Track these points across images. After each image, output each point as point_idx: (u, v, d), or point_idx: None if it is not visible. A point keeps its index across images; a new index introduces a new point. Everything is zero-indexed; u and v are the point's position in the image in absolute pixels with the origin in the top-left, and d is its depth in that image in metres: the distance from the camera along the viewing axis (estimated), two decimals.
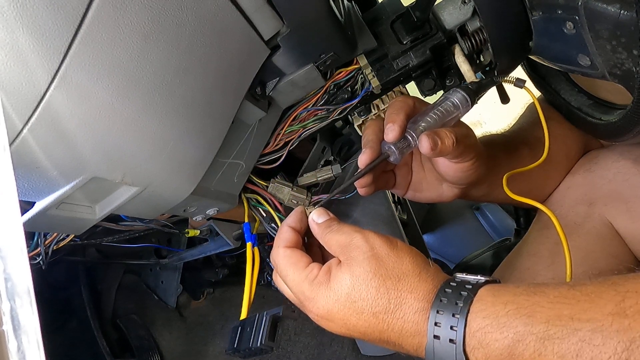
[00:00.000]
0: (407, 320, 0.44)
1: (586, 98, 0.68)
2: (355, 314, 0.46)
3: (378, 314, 0.45)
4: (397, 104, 0.57)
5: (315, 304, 0.48)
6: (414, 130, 0.55)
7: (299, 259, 0.50)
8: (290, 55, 0.56)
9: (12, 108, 0.37)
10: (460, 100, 0.57)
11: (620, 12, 0.44)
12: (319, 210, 0.54)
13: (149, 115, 0.45)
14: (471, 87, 0.58)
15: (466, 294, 0.42)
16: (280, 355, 1.10)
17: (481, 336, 0.40)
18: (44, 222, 0.50)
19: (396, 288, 0.45)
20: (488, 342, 0.39)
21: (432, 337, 0.42)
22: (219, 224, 0.80)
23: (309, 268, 0.49)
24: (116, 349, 1.03)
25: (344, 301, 0.46)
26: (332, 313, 0.47)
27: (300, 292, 0.49)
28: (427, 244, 1.35)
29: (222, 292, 1.21)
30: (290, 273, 0.50)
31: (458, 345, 0.40)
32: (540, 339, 0.37)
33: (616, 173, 0.69)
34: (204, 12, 0.44)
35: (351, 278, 0.46)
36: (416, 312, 0.44)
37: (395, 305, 0.44)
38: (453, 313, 0.41)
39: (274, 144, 0.69)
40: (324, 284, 0.47)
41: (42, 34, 0.35)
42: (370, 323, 0.45)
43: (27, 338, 0.28)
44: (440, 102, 0.57)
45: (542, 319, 0.38)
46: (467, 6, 0.60)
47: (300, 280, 0.49)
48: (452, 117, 0.57)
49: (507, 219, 1.30)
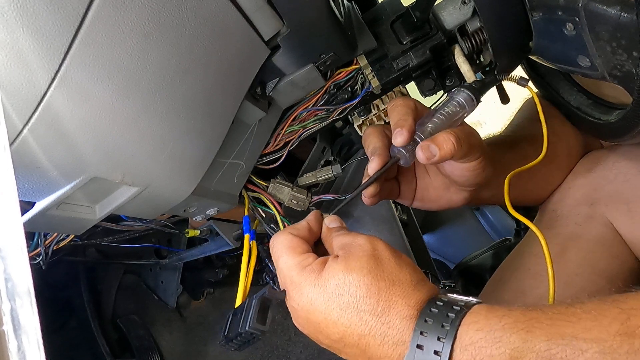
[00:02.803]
0: (392, 326, 0.41)
1: (586, 98, 0.68)
2: (338, 308, 0.43)
3: (363, 313, 0.42)
4: (401, 108, 0.56)
5: (300, 290, 0.45)
6: (422, 132, 0.54)
7: (299, 244, 0.49)
8: (290, 56, 0.56)
9: (12, 108, 0.37)
10: (466, 99, 0.57)
11: (621, 14, 0.44)
12: (334, 217, 0.54)
13: (149, 116, 0.45)
14: (475, 86, 0.58)
15: (458, 308, 0.40)
16: (280, 355, 1.10)
17: (474, 351, 0.37)
18: (44, 222, 0.50)
19: (388, 291, 0.43)
20: (482, 358, 0.37)
21: (415, 347, 0.39)
22: (219, 224, 0.80)
23: (305, 255, 0.48)
24: (116, 349, 1.03)
25: (331, 293, 0.44)
26: (315, 304, 0.44)
27: (289, 277, 0.47)
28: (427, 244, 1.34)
29: (222, 292, 1.21)
30: (284, 255, 0.48)
31: (443, 358, 0.37)
32: (542, 358, 0.35)
33: (617, 174, 0.69)
34: (204, 12, 0.44)
35: (344, 270, 0.44)
36: (404, 319, 0.41)
37: (383, 308, 0.42)
38: (442, 324, 0.39)
39: (274, 144, 0.69)
40: (315, 272, 0.45)
41: (42, 34, 0.35)
42: (351, 322, 0.42)
43: (27, 338, 0.28)
44: (446, 102, 0.57)
45: (542, 335, 0.36)
46: (467, 6, 0.60)
47: (293, 265, 0.47)
48: (459, 116, 0.57)
49: (507, 219, 1.30)
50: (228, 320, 0.57)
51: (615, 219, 0.67)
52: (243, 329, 0.53)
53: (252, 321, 0.51)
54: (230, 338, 0.55)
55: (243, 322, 0.53)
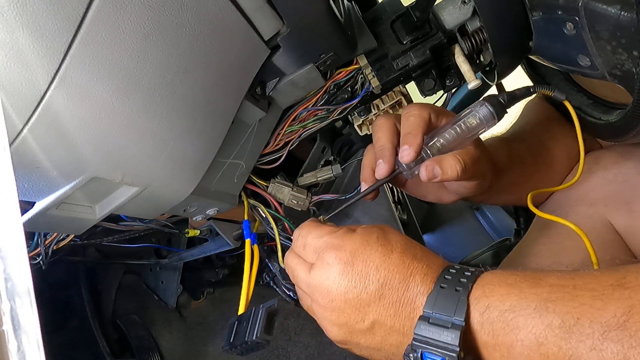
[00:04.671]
0: (431, 268, 0.45)
1: (586, 98, 0.68)
2: (383, 254, 0.45)
3: (406, 256, 0.45)
4: (414, 119, 0.54)
5: (340, 247, 0.47)
6: (430, 148, 0.53)
7: (324, 225, 0.52)
8: (290, 55, 0.56)
9: (12, 108, 0.37)
10: (486, 116, 0.53)
11: (621, 13, 0.44)
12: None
13: (149, 115, 0.45)
14: (502, 100, 0.54)
15: (474, 269, 0.44)
16: (280, 356, 1.10)
17: (488, 290, 0.41)
18: (44, 222, 0.50)
19: (421, 246, 0.48)
20: (492, 293, 0.41)
21: (439, 287, 0.43)
22: (219, 224, 0.80)
23: (334, 227, 0.51)
24: (116, 349, 1.03)
25: (374, 242, 0.46)
26: (357, 252, 0.46)
27: (324, 243, 0.48)
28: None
29: (222, 292, 1.21)
30: (314, 230, 0.51)
31: (463, 292, 0.41)
32: (542, 300, 0.38)
33: (617, 174, 0.69)
34: (204, 12, 0.44)
35: (380, 228, 0.48)
36: (439, 265, 0.46)
37: (423, 255, 0.46)
38: (464, 272, 0.43)
39: (274, 144, 0.69)
40: (349, 231, 0.48)
41: (42, 34, 0.35)
42: (396, 266, 0.45)
43: (27, 338, 0.28)
44: (464, 115, 0.54)
45: (546, 284, 0.39)
46: (467, 6, 0.60)
47: (324, 233, 0.50)
48: (475, 133, 0.54)
49: (507, 219, 1.30)
50: (233, 327, 0.57)
51: (615, 219, 0.67)
52: (250, 338, 0.53)
53: (259, 331, 0.53)
54: (235, 345, 0.56)
55: (250, 331, 0.54)
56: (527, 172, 0.70)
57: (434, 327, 0.40)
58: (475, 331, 0.40)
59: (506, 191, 0.70)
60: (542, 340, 0.37)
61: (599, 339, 0.35)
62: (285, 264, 0.53)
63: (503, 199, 0.62)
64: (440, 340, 0.40)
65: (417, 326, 0.41)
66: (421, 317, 0.42)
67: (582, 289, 0.38)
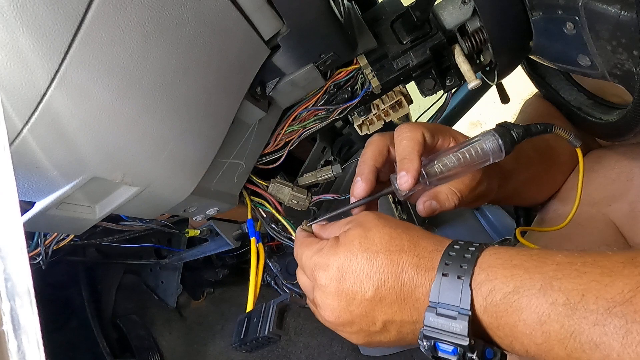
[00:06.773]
0: (422, 257, 0.44)
1: (586, 98, 0.68)
2: (368, 259, 0.45)
3: (392, 253, 0.44)
4: (407, 143, 0.52)
5: (327, 266, 0.46)
6: (428, 174, 0.51)
7: (313, 240, 0.52)
8: (290, 55, 0.56)
9: (12, 108, 0.37)
10: (493, 150, 0.50)
11: (621, 13, 0.44)
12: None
13: (149, 115, 0.45)
14: (515, 135, 0.51)
15: (478, 244, 0.43)
16: (280, 356, 1.10)
17: (491, 273, 0.40)
18: (44, 222, 0.50)
19: (408, 233, 0.46)
20: (496, 276, 0.40)
21: (441, 275, 0.42)
22: (219, 224, 0.81)
23: (321, 243, 0.50)
24: (116, 349, 1.03)
25: (356, 250, 0.45)
26: (344, 268, 0.45)
27: (313, 264, 0.48)
28: None
29: (222, 292, 1.21)
30: (304, 251, 0.50)
31: (465, 279, 0.41)
32: (548, 278, 0.38)
33: (619, 173, 0.69)
34: (204, 12, 0.44)
35: (362, 229, 0.46)
36: (431, 251, 0.44)
37: (409, 246, 0.45)
38: (464, 255, 0.42)
39: (274, 144, 0.69)
40: (333, 246, 0.47)
41: (42, 34, 0.35)
42: (385, 266, 0.44)
43: (27, 338, 0.28)
44: (470, 143, 0.51)
45: (553, 262, 0.39)
46: (467, 6, 0.60)
47: (312, 254, 0.49)
48: (478, 164, 0.51)
49: (507, 219, 1.30)
50: (243, 323, 0.57)
51: (618, 219, 0.67)
52: (262, 334, 0.54)
53: (271, 326, 0.53)
54: (245, 341, 0.56)
55: (262, 327, 0.54)
56: (534, 173, 0.70)
57: (442, 318, 0.41)
58: (479, 314, 0.40)
59: (511, 196, 0.70)
60: (545, 319, 0.37)
61: (602, 314, 0.34)
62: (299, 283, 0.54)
63: (508, 202, 0.62)
64: (449, 331, 0.40)
65: (426, 317, 0.41)
66: (428, 308, 0.42)
67: (591, 265, 0.37)
